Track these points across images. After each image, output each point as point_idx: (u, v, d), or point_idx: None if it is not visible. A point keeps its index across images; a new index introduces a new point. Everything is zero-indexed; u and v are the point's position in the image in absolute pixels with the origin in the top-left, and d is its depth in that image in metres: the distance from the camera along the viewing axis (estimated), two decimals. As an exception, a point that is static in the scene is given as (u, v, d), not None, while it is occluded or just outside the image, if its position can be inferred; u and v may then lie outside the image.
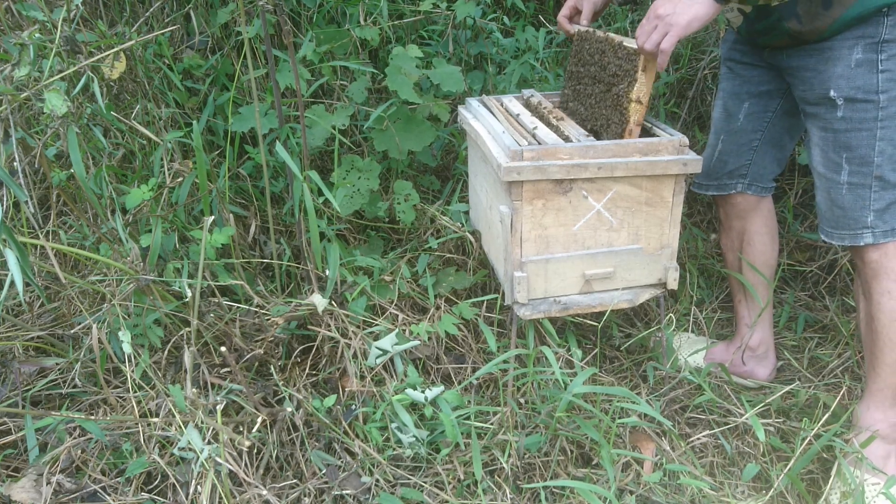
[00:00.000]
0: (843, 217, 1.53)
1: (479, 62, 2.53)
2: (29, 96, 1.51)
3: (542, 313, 1.62)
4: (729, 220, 1.88)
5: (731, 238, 1.90)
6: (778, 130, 1.75)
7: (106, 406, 1.60)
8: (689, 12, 1.39)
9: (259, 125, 1.75)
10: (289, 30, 1.60)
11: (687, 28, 1.41)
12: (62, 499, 1.40)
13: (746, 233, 1.85)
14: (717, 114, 1.81)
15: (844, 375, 1.93)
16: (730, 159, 1.79)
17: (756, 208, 1.83)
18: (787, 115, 1.72)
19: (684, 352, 1.94)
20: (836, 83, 1.45)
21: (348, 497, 1.47)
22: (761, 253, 1.86)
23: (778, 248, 1.90)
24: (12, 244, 1.19)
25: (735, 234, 1.88)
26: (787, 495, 1.53)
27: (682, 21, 1.40)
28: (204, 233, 1.51)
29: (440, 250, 1.96)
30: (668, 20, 1.41)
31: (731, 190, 1.82)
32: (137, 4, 2.23)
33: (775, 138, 1.76)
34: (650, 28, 1.44)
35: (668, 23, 1.41)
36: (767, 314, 1.89)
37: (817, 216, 1.63)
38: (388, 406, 1.55)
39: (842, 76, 1.44)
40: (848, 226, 1.53)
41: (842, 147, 1.49)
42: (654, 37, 1.43)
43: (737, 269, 1.91)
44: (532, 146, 1.50)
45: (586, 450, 1.60)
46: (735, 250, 1.89)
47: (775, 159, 1.79)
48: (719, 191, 1.84)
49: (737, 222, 1.86)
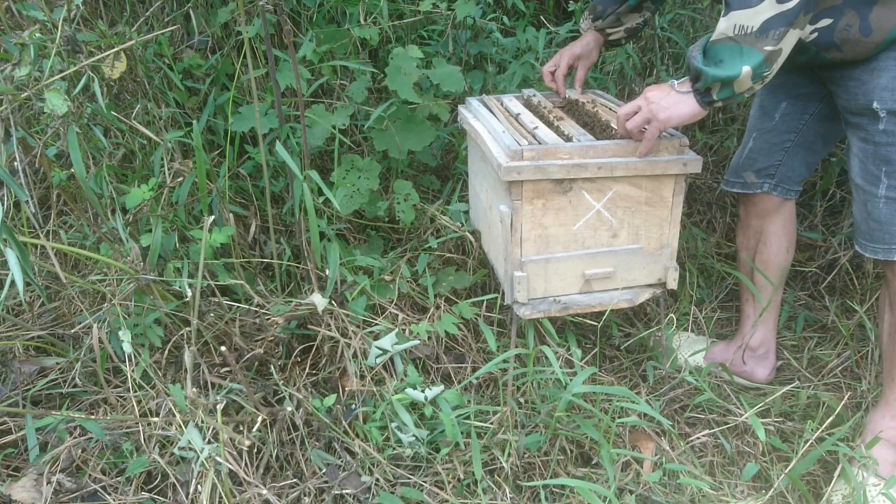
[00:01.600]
0: (879, 230, 1.51)
1: (478, 62, 2.53)
2: (29, 96, 1.51)
3: (541, 313, 1.62)
4: (748, 217, 1.86)
5: (747, 237, 1.87)
6: (812, 134, 1.72)
7: (106, 405, 1.60)
8: (673, 110, 1.42)
9: (259, 125, 1.75)
10: (289, 29, 1.60)
11: (666, 123, 1.44)
12: (62, 498, 1.40)
13: (764, 233, 1.83)
14: (753, 111, 1.79)
15: (844, 375, 1.93)
16: (759, 157, 1.77)
17: (777, 210, 1.81)
18: (824, 120, 1.69)
19: (684, 351, 1.94)
20: (879, 95, 1.42)
21: (348, 496, 1.47)
22: (775, 255, 1.83)
23: (793, 253, 1.87)
24: (13, 244, 1.19)
25: (752, 232, 1.85)
26: (788, 495, 1.54)
27: (663, 116, 1.43)
28: (204, 232, 1.51)
29: (440, 250, 1.97)
30: (653, 108, 1.43)
31: (756, 189, 1.80)
32: (137, 4, 2.23)
33: (808, 141, 1.73)
34: (634, 108, 1.47)
35: (652, 110, 1.43)
36: (772, 315, 1.88)
37: (854, 226, 1.60)
38: (387, 405, 1.55)
39: (886, 88, 1.41)
40: (883, 240, 1.51)
41: (882, 160, 1.46)
42: (637, 119, 1.46)
43: (748, 268, 1.89)
44: (532, 146, 1.50)
45: (586, 449, 1.60)
46: (750, 249, 1.87)
47: (805, 163, 1.76)
48: (745, 189, 1.82)
49: (755, 221, 1.84)
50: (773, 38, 1.30)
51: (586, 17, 1.90)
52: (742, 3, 1.30)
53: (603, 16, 1.84)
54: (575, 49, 1.88)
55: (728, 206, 2.48)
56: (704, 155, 2.51)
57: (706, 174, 2.53)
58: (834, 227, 2.37)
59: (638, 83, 2.58)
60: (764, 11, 1.28)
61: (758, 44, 1.31)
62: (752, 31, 1.30)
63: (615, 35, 1.87)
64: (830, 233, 2.34)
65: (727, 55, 1.34)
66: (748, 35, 1.31)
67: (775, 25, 1.29)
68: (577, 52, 1.88)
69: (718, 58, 1.35)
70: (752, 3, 1.29)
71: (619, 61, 2.54)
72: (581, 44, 1.89)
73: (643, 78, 2.62)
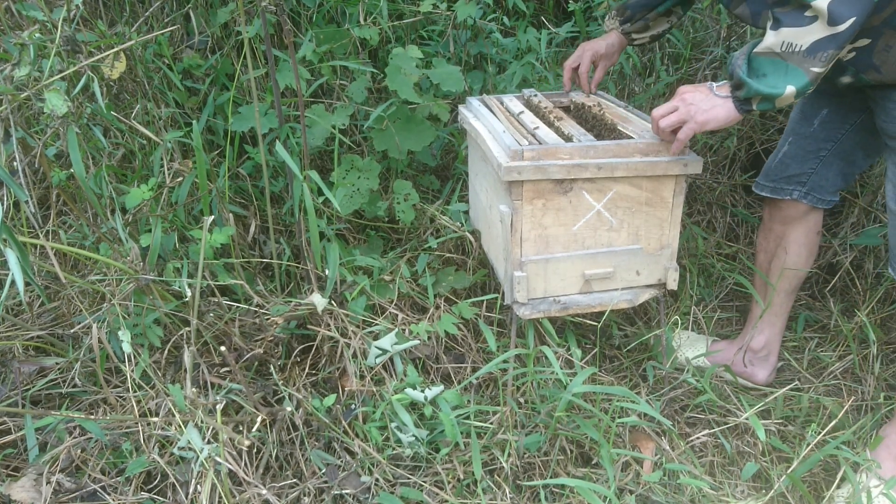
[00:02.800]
0: None
1: (478, 62, 2.53)
2: (29, 96, 1.51)
3: (541, 313, 1.62)
4: (772, 221, 1.81)
5: (768, 240, 1.83)
6: (851, 144, 1.67)
7: (106, 405, 1.60)
8: (711, 113, 1.38)
9: (259, 125, 1.75)
10: (289, 29, 1.60)
11: (703, 126, 1.40)
12: (62, 498, 1.40)
13: (785, 238, 1.78)
14: (794, 114, 1.74)
15: (845, 377, 1.93)
16: (792, 163, 1.72)
17: (803, 218, 1.76)
18: (866, 132, 1.64)
19: (684, 351, 1.94)
20: None
21: (348, 496, 1.47)
22: (794, 263, 1.79)
23: (812, 263, 1.81)
24: (13, 244, 1.19)
25: (773, 236, 1.81)
26: (788, 496, 1.53)
27: (701, 118, 1.39)
28: (204, 232, 1.51)
29: (440, 250, 1.96)
30: (690, 109, 1.40)
31: (785, 196, 1.75)
32: (137, 4, 2.23)
33: (846, 152, 1.68)
34: (671, 108, 1.43)
35: (689, 111, 1.40)
36: (780, 320, 1.86)
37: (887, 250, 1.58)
38: (387, 405, 1.55)
39: None
40: None
41: None
42: (673, 118, 1.42)
43: (764, 270, 1.85)
44: (532, 146, 1.50)
45: (586, 449, 1.60)
46: (769, 252, 1.83)
47: (841, 173, 1.70)
48: (773, 194, 1.76)
49: (778, 226, 1.79)
50: (820, 59, 1.26)
51: (613, 17, 1.85)
52: (793, 21, 1.25)
53: (632, 20, 1.80)
54: (599, 48, 1.84)
55: (728, 206, 2.48)
56: (704, 155, 2.51)
57: (706, 174, 2.53)
58: (835, 227, 2.36)
59: (638, 83, 2.58)
60: (815, 32, 1.24)
61: (805, 64, 1.27)
62: (800, 50, 1.26)
63: (640, 41, 1.83)
64: (831, 234, 2.34)
65: (772, 70, 1.30)
66: (796, 54, 1.27)
67: (825, 48, 1.25)
68: (602, 51, 1.84)
69: (762, 71, 1.31)
70: (803, 22, 1.24)
71: (619, 61, 2.54)
72: (606, 43, 1.84)
73: (643, 78, 2.62)
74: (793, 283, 1.82)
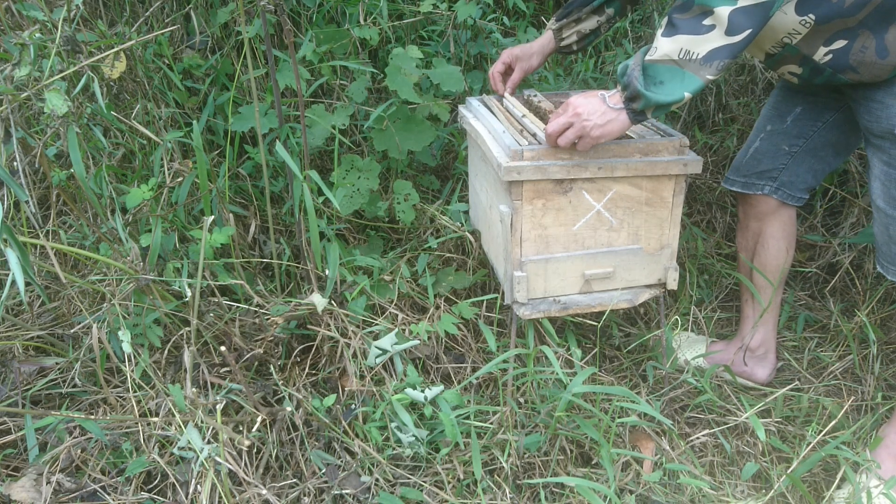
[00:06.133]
0: None
1: (479, 62, 2.53)
2: (29, 96, 1.51)
3: (541, 313, 1.62)
4: (747, 219, 1.84)
5: (746, 238, 1.86)
6: (822, 142, 1.68)
7: (106, 405, 1.60)
8: (606, 128, 1.38)
9: (259, 125, 1.75)
10: (290, 29, 1.60)
11: (598, 140, 1.41)
12: (62, 498, 1.40)
13: (762, 235, 1.81)
14: (766, 111, 1.75)
15: (845, 377, 1.93)
16: (764, 159, 1.74)
17: (776, 213, 1.78)
18: (837, 130, 1.66)
19: (684, 351, 1.94)
20: None
21: (348, 496, 1.47)
22: (774, 258, 1.81)
23: (792, 254, 1.84)
24: (13, 244, 1.19)
25: (751, 234, 1.84)
26: (788, 496, 1.53)
27: (596, 133, 1.39)
28: (204, 232, 1.51)
29: (440, 250, 1.97)
30: (586, 126, 1.39)
31: (756, 190, 1.77)
32: (137, 4, 2.23)
33: (817, 149, 1.70)
34: (565, 124, 1.41)
35: (583, 127, 1.39)
36: (772, 316, 1.88)
37: (874, 246, 1.57)
38: (387, 405, 1.55)
39: None
40: None
41: None
42: (569, 135, 1.41)
43: (747, 269, 1.88)
44: (532, 146, 1.50)
45: (586, 449, 1.60)
46: (748, 250, 1.86)
47: (812, 170, 1.72)
48: (745, 189, 1.79)
49: (754, 223, 1.82)
50: (716, 68, 1.29)
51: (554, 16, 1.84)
52: (691, 28, 1.27)
53: (567, 15, 1.79)
54: (515, 50, 1.82)
55: (728, 206, 2.48)
56: (704, 155, 2.51)
57: (706, 174, 2.53)
58: (834, 227, 2.37)
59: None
60: (712, 41, 1.26)
61: (701, 71, 1.29)
62: (697, 57, 1.28)
63: (567, 39, 1.81)
64: (831, 234, 2.34)
65: (669, 78, 1.31)
66: (693, 61, 1.28)
67: (720, 56, 1.27)
68: (517, 52, 1.82)
69: (659, 79, 1.32)
70: (701, 30, 1.26)
71: (619, 61, 2.54)
72: (526, 45, 1.83)
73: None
74: (778, 278, 1.84)
